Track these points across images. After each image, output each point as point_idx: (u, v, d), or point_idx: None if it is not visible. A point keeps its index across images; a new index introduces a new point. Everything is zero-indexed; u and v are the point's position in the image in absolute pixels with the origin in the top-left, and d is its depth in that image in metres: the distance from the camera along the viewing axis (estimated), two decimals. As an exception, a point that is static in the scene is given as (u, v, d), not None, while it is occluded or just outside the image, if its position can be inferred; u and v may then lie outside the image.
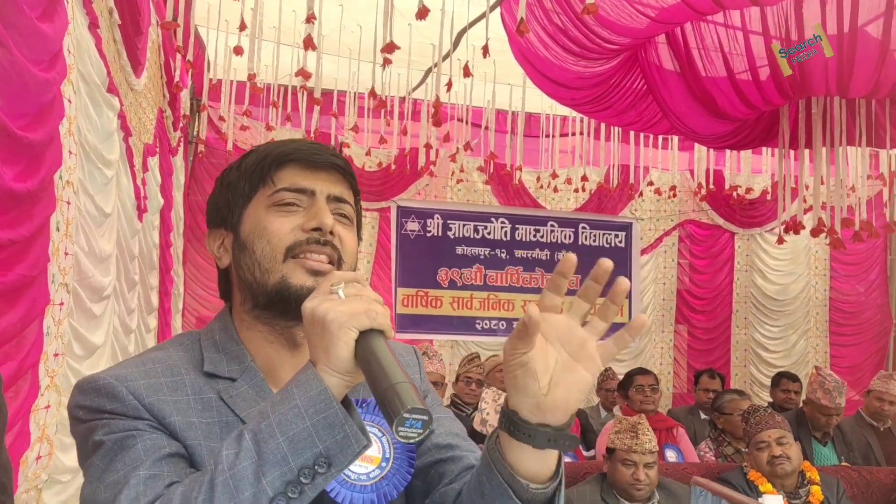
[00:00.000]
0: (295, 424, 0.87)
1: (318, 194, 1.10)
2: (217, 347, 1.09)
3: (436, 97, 4.69)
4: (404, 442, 0.85)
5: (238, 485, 0.85)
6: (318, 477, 0.87)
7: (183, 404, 1.02)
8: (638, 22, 3.84)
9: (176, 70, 5.60)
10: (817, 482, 3.60)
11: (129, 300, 4.57)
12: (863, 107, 4.42)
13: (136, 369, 1.03)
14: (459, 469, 1.12)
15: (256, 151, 1.13)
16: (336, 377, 0.90)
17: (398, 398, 0.83)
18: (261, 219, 1.08)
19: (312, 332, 0.92)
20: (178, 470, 0.95)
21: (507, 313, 7.53)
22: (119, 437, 0.96)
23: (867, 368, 8.52)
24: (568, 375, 0.91)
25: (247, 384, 1.07)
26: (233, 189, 1.12)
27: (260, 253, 1.07)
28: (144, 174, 4.86)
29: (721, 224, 8.70)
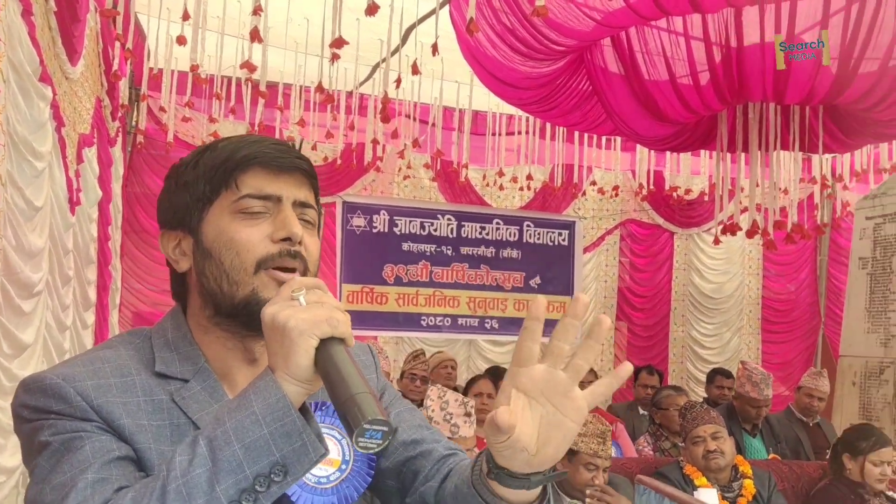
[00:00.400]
0: (252, 432, 0.86)
1: (284, 200, 1.06)
2: (169, 346, 1.06)
3: (384, 93, 4.67)
4: (363, 452, 0.85)
5: (191, 492, 0.84)
6: (273, 485, 0.86)
7: (133, 406, 0.99)
8: (584, 24, 3.90)
9: (115, 58, 5.44)
10: (750, 476, 3.73)
11: (64, 296, 4.43)
12: (797, 113, 4.58)
13: (84, 369, 0.99)
14: (432, 463, 1.12)
15: (215, 150, 1.08)
16: (295, 385, 0.89)
17: (358, 409, 0.82)
18: (226, 227, 1.04)
19: (272, 338, 0.90)
20: (127, 474, 0.93)
21: (452, 310, 7.55)
22: (66, 439, 0.93)
23: (797, 365, 8.85)
24: (555, 431, 0.88)
25: (200, 385, 1.04)
26: (191, 190, 1.07)
27: (229, 265, 1.03)
28: (79, 165, 4.71)
29: (661, 224, 8.91)
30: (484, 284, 7.78)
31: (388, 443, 0.84)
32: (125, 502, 0.86)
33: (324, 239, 7.73)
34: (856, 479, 3.74)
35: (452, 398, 3.39)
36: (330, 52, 4.06)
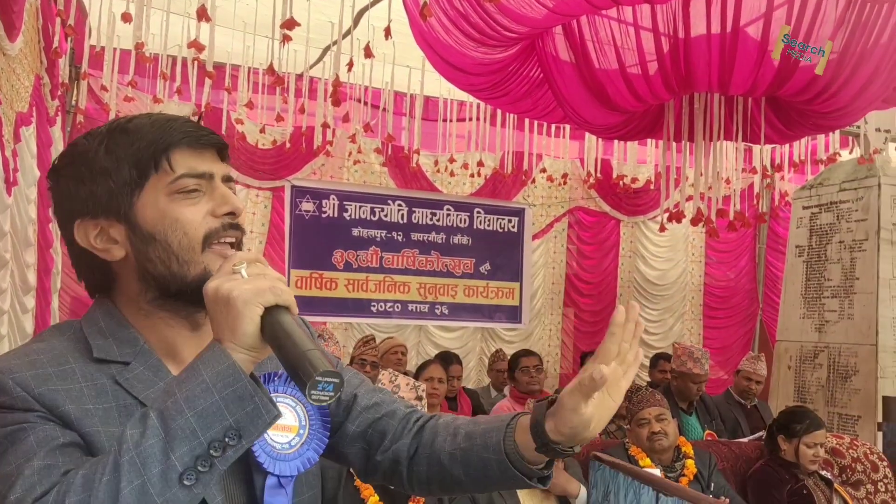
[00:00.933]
0: (203, 399, 0.87)
1: (216, 177, 1.09)
2: (103, 334, 1.06)
3: (335, 76, 4.63)
4: (317, 405, 0.88)
5: (145, 462, 0.84)
6: (228, 449, 0.87)
7: (75, 392, 0.98)
8: (536, 12, 3.92)
9: (55, 35, 5.26)
10: (691, 456, 3.85)
11: (1, 280, 4.29)
12: (740, 104, 4.70)
13: (20, 360, 0.98)
14: (397, 421, 1.22)
15: (127, 133, 1.06)
16: (242, 353, 0.91)
17: (310, 363, 0.86)
18: (166, 209, 1.05)
19: (216, 311, 0.92)
20: (75, 459, 0.92)
21: (402, 296, 7.56)
22: (9, 431, 0.93)
23: (736, 349, 9.12)
24: (602, 410, 1.07)
25: (142, 366, 1.04)
26: (113, 176, 1.05)
27: (177, 245, 1.04)
28: (16, 145, 4.54)
29: (608, 211, 9.04)
30: (434, 270, 7.80)
31: (339, 394, 0.87)
32: (77, 480, 0.86)
33: (272, 223, 7.63)
34: (790, 460, 3.88)
35: (404, 382, 3.41)
36: (280, 33, 4.00)
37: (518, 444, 1.10)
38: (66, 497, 0.84)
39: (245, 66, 6.05)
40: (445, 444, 1.16)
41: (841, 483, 4.08)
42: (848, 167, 6.53)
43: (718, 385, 8.12)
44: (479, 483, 1.15)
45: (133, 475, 0.84)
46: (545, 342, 8.92)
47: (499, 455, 1.11)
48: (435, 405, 4.61)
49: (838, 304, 6.28)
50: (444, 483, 1.17)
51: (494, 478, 1.12)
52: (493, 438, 1.13)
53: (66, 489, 0.85)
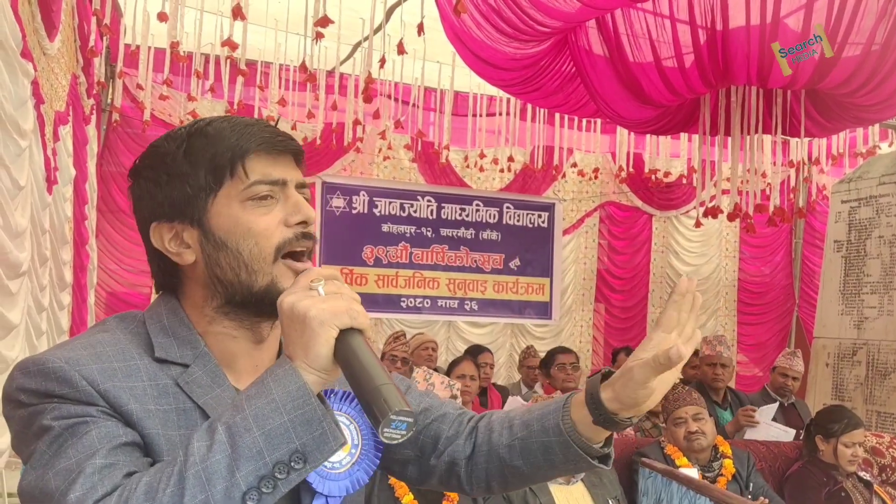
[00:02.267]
0: (272, 419, 0.86)
1: (289, 184, 1.05)
2: (166, 332, 1.04)
3: (367, 73, 4.62)
4: (388, 442, 0.85)
5: (210, 478, 0.83)
6: (292, 472, 0.86)
7: (139, 391, 0.97)
8: (570, 6, 3.88)
9: (91, 34, 5.32)
10: (729, 455, 3.78)
11: (41, 276, 4.36)
12: (779, 97, 4.61)
13: (86, 352, 0.97)
14: (449, 424, 1.19)
15: (206, 136, 1.05)
16: (314, 374, 0.89)
17: (385, 401, 0.84)
18: (239, 216, 1.02)
19: (291, 327, 0.91)
20: (135, 459, 0.92)
21: (432, 291, 7.56)
22: (70, 424, 0.91)
23: (772, 346, 8.98)
24: (662, 383, 1.06)
25: (201, 370, 1.03)
26: (189, 180, 1.04)
27: (248, 254, 1.02)
28: (55, 144, 4.61)
29: (640, 206, 8.95)
30: (464, 266, 7.78)
31: (410, 433, 0.86)
32: (140, 487, 0.85)
33: (303, 220, 7.67)
34: (828, 461, 3.80)
35: (438, 380, 3.39)
36: (312, 30, 4.00)
37: (575, 422, 1.09)
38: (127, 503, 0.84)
39: (277, 63, 6.08)
40: (503, 438, 1.15)
41: (881, 483, 3.99)
42: (888, 160, 6.37)
43: (753, 382, 8.02)
44: (541, 470, 1.13)
45: (197, 489, 0.83)
46: (576, 338, 8.86)
47: (559, 436, 1.09)
48: (468, 402, 4.60)
49: (878, 300, 6.14)
50: (504, 477, 1.15)
51: (557, 461, 1.10)
52: (550, 421, 1.11)
53: (129, 495, 0.84)
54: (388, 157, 7.72)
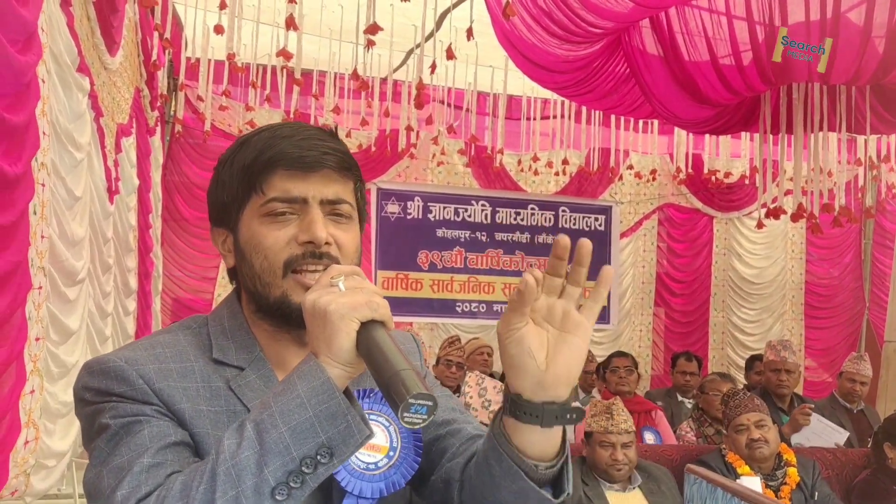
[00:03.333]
0: (297, 414, 0.87)
1: (310, 201, 1.05)
2: (226, 334, 1.09)
3: (418, 79, 4.65)
4: (409, 427, 0.85)
5: (240, 474, 0.85)
6: (320, 467, 0.87)
7: (192, 391, 1.01)
8: (622, 6, 3.83)
9: (153, 48, 5.50)
10: (794, 464, 3.66)
11: (105, 283, 4.51)
12: (843, 93, 4.45)
13: (146, 353, 1.02)
14: (460, 442, 1.13)
15: (248, 146, 1.08)
16: (338, 368, 0.90)
17: (403, 385, 0.83)
18: (255, 231, 1.06)
19: (313, 323, 0.92)
20: (182, 459, 0.95)
21: (487, 296, 7.53)
22: (125, 422, 0.96)
23: (841, 351, 8.67)
24: (562, 347, 0.93)
25: (255, 374, 1.06)
26: (227, 190, 1.09)
27: (259, 267, 1.05)
28: (117, 155, 4.77)
29: (700, 208, 8.76)
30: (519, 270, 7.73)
31: (432, 417, 0.84)
32: (175, 486, 0.88)
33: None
34: (897, 470, 3.65)
35: (490, 384, 3.38)
36: (364, 38, 4.04)
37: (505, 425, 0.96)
38: (164, 501, 0.86)
39: (331, 71, 6.16)
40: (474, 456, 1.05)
41: (956, 493, 3.80)
42: (962, 156, 6.09)
43: (822, 388, 7.75)
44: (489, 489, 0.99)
45: (228, 486, 0.85)
46: (635, 343, 8.72)
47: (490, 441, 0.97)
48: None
49: (954, 302, 5.87)
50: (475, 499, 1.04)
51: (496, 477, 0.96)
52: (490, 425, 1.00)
53: (166, 494, 0.87)
54: (442, 162, 7.75)
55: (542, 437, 0.95)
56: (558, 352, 0.93)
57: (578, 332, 0.93)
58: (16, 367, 2.39)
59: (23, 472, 2.71)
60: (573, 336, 0.93)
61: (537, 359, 0.92)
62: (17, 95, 2.17)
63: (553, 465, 0.97)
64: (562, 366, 0.92)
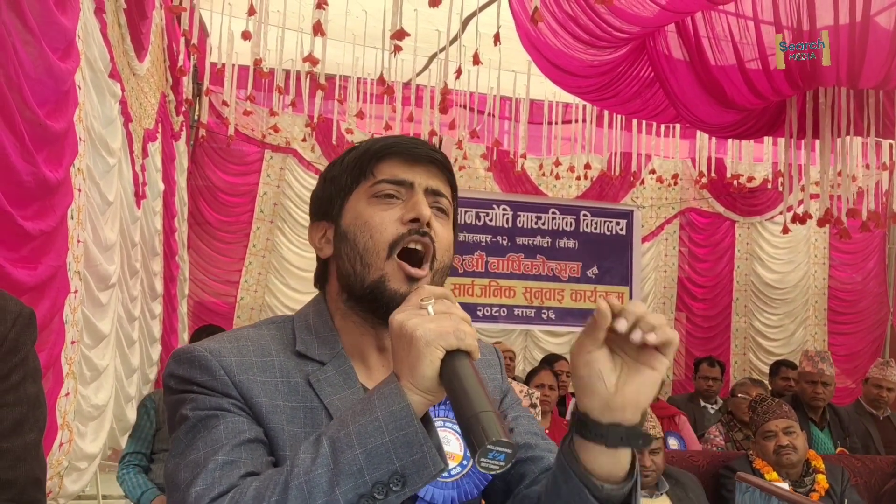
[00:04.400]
0: (374, 438, 0.87)
1: (416, 186, 1.09)
2: (310, 330, 1.10)
3: (443, 84, 4.66)
4: (485, 472, 0.84)
5: (311, 491, 0.86)
6: (391, 494, 0.87)
7: (270, 386, 1.02)
8: (648, 10, 3.82)
9: (179, 54, 5.55)
10: (822, 471, 3.63)
11: (132, 287, 4.56)
12: (871, 97, 4.42)
13: (230, 345, 1.04)
14: (539, 470, 1.12)
15: (358, 147, 1.15)
16: (418, 395, 0.89)
17: (483, 429, 0.81)
18: (362, 211, 1.09)
19: (399, 345, 0.91)
20: (256, 458, 0.96)
21: (508, 300, 7.52)
22: (203, 415, 0.98)
23: (865, 356, 8.58)
24: (635, 376, 0.94)
25: (335, 370, 1.07)
26: (336, 183, 1.13)
27: (363, 246, 1.07)
28: (144, 160, 4.82)
29: (722, 212, 8.72)
30: (540, 275, 7.72)
31: (508, 465, 0.83)
32: (250, 491, 0.89)
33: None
34: (929, 476, 3.61)
35: (517, 389, 3.38)
36: (390, 43, 4.06)
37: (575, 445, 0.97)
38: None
39: (354, 76, 6.19)
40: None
41: None
42: None
43: (846, 395, 7.67)
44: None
45: (299, 501, 0.85)
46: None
47: (559, 460, 0.99)
48: (547, 412, 4.56)
49: (982, 308, 5.79)
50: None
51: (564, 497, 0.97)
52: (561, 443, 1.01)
53: (239, 498, 0.88)
54: (464, 166, 7.76)
55: (610, 458, 0.96)
56: (630, 380, 0.94)
57: (654, 363, 0.94)
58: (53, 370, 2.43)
59: (57, 473, 2.75)
60: (648, 368, 0.94)
61: (607, 383, 0.93)
62: (57, 102, 2.21)
63: (620, 488, 0.97)
64: (631, 392, 0.93)
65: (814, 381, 4.84)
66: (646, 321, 0.91)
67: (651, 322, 0.91)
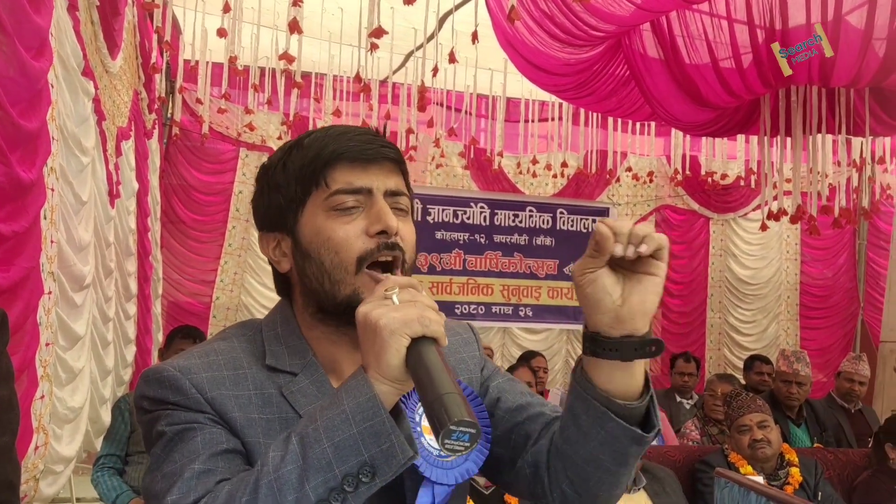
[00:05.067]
0: (341, 431, 0.86)
1: (375, 192, 1.05)
2: (279, 340, 1.08)
3: (421, 82, 4.66)
4: (450, 454, 0.83)
5: (282, 488, 0.85)
6: (361, 486, 0.86)
7: (244, 399, 1.01)
8: (624, 9, 3.85)
9: (152, 51, 5.49)
10: (796, 464, 3.68)
11: (107, 288, 4.50)
12: (842, 95, 4.49)
13: (199, 361, 1.02)
14: (541, 426, 1.11)
15: (301, 148, 1.08)
16: (386, 384, 0.88)
17: (445, 410, 0.81)
18: (322, 226, 1.04)
19: (365, 337, 0.90)
20: (233, 466, 0.95)
21: (486, 298, 7.55)
22: (180, 429, 0.97)
23: (836, 351, 8.72)
24: (637, 285, 0.94)
25: (308, 379, 1.05)
26: (283, 192, 1.07)
27: (329, 264, 1.03)
28: (118, 159, 4.76)
29: (696, 209, 8.81)
30: (517, 272, 7.75)
31: (475, 445, 0.83)
32: (222, 494, 0.88)
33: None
34: (899, 469, 3.67)
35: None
36: (366, 41, 4.05)
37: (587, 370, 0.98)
38: None
39: (330, 74, 6.16)
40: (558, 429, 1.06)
41: (957, 492, 3.83)
42: (957, 158, 6.14)
43: (817, 388, 7.77)
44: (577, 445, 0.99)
45: (270, 500, 0.85)
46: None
47: (575, 389, 0.99)
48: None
49: (949, 302, 5.92)
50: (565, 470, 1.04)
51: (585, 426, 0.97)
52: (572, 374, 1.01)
53: (212, 501, 0.88)
54: (441, 164, 7.76)
55: (625, 374, 0.96)
56: (633, 289, 0.94)
57: (654, 269, 0.94)
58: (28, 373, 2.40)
59: (32, 477, 2.71)
60: (648, 275, 0.94)
61: (613, 295, 0.94)
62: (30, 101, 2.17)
63: (640, 403, 0.98)
64: (637, 300, 0.94)
65: (789, 380, 4.92)
66: (635, 235, 0.93)
67: (639, 234, 0.93)
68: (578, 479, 1.04)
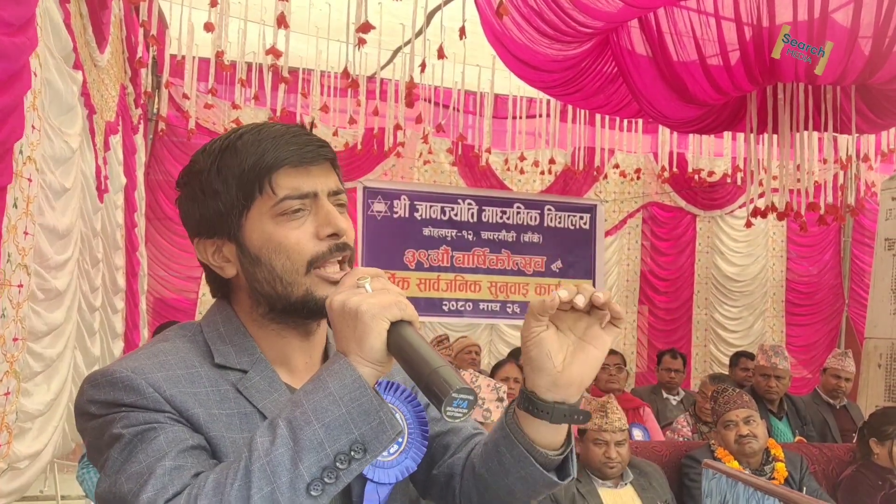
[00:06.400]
0: (331, 411, 0.89)
1: (320, 195, 1.07)
2: (223, 340, 1.08)
3: (409, 78, 4.65)
4: (451, 421, 0.89)
5: (275, 470, 0.86)
6: (353, 462, 0.89)
7: (203, 396, 1.01)
8: (612, 6, 3.86)
9: (138, 45, 5.44)
10: (781, 459, 3.71)
11: (94, 277, 4.46)
12: (829, 93, 4.51)
13: (150, 361, 1.01)
14: (461, 439, 1.20)
15: (235, 152, 1.06)
16: (368, 366, 0.92)
17: (445, 381, 0.87)
18: (272, 232, 1.05)
19: (343, 324, 0.93)
20: (202, 462, 0.95)
21: (473, 294, 7.53)
22: (139, 430, 0.95)
23: (821, 347, 8.79)
24: (580, 355, 1.01)
25: (258, 375, 1.07)
26: (222, 198, 1.06)
27: (281, 268, 1.05)
28: (106, 153, 4.72)
29: (683, 206, 8.85)
30: (505, 269, 7.74)
31: (471, 412, 0.89)
32: (208, 484, 0.88)
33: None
34: (883, 464, 3.70)
35: (485, 383, 3.39)
36: (354, 37, 4.04)
37: (518, 417, 1.05)
38: (197, 500, 0.86)
39: (318, 70, 6.14)
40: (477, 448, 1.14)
41: (940, 487, 3.87)
42: (941, 156, 6.19)
43: (803, 385, 7.85)
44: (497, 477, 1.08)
45: (263, 482, 0.86)
46: (620, 340, 8.78)
47: (502, 430, 1.06)
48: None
49: (932, 299, 5.96)
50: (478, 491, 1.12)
51: (507, 464, 1.05)
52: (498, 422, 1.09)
53: (198, 492, 0.87)
54: (429, 161, 7.76)
55: (550, 429, 1.04)
56: (575, 358, 1.01)
57: (597, 343, 1.02)
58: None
59: None
60: (592, 347, 1.02)
61: (555, 361, 1.00)
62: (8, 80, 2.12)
63: (559, 454, 1.06)
64: (576, 371, 1.01)
65: (767, 374, 4.97)
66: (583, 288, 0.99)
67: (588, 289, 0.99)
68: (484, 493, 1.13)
